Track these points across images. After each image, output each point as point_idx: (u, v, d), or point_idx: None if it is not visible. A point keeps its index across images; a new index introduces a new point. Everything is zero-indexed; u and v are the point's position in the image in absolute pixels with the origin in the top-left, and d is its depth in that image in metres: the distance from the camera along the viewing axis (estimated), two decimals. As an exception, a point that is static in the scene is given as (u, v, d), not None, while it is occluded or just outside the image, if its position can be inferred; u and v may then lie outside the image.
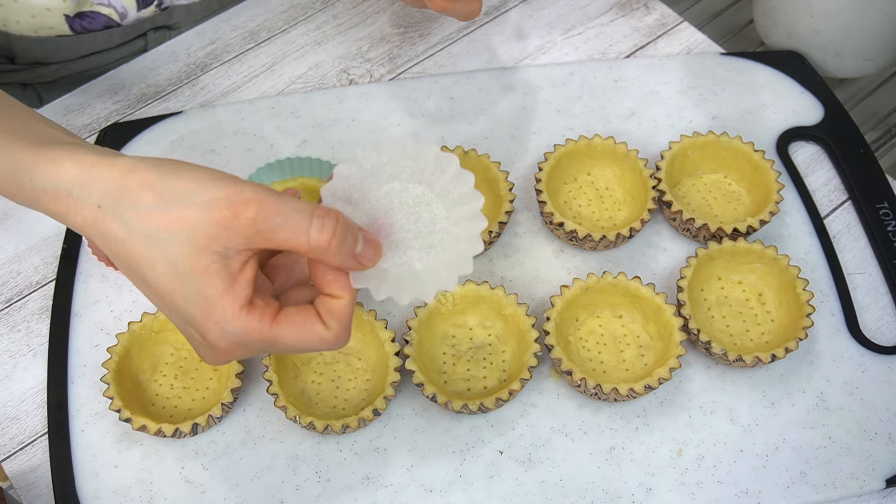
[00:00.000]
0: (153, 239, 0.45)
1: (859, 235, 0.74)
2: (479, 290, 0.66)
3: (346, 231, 0.45)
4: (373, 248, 0.47)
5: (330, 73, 0.84)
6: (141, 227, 0.45)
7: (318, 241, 0.45)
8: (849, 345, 0.68)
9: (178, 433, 0.62)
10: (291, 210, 0.44)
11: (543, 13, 0.88)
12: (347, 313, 0.47)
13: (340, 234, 0.45)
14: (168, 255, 0.44)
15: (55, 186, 0.47)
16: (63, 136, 0.52)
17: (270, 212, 0.44)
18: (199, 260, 0.44)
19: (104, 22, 0.81)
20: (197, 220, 0.44)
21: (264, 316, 0.46)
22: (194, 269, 0.44)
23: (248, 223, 0.44)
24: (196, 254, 0.44)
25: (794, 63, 0.83)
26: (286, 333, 0.46)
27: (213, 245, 0.44)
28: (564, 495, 0.62)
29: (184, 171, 0.45)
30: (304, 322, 0.46)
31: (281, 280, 0.50)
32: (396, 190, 0.49)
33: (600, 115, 0.80)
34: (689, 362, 0.67)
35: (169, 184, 0.45)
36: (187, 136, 0.78)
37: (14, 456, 0.65)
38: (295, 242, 0.45)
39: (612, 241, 0.69)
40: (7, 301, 0.71)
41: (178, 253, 0.44)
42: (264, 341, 0.46)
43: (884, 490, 0.63)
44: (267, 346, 0.47)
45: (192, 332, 0.47)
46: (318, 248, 0.45)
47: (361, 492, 0.62)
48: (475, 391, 0.65)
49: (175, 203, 0.44)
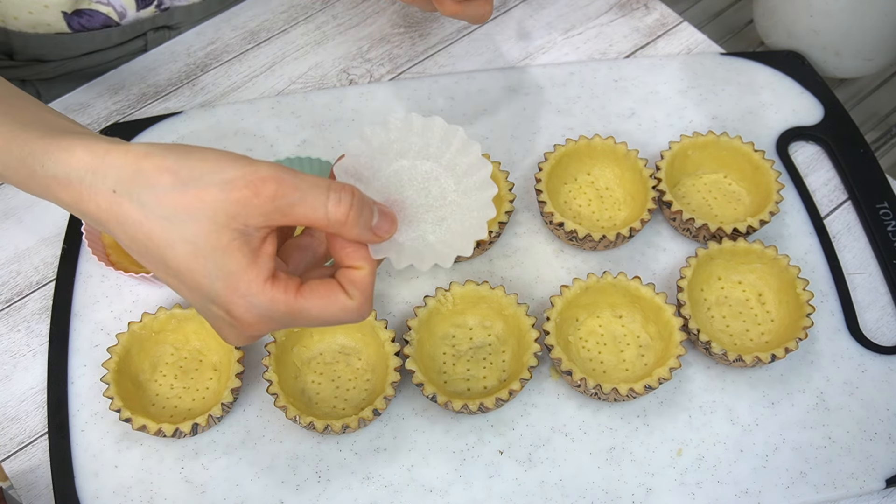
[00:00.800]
0: (172, 220, 0.45)
1: (859, 235, 0.74)
2: (479, 290, 0.66)
3: (363, 204, 0.46)
4: (388, 220, 0.48)
5: (330, 73, 0.84)
6: (159, 209, 0.45)
7: (335, 215, 0.45)
8: (849, 345, 0.68)
9: (178, 433, 0.62)
10: (309, 186, 0.45)
11: (543, 13, 0.88)
12: (369, 283, 0.48)
13: (357, 207, 0.46)
14: (187, 234, 0.45)
15: (67, 174, 0.47)
16: (74, 126, 0.52)
17: (288, 188, 0.45)
18: (220, 237, 0.45)
19: (103, 21, 0.81)
20: (216, 199, 0.44)
21: (289, 288, 0.46)
22: (215, 247, 0.45)
23: (267, 200, 0.44)
24: (216, 232, 0.45)
25: (794, 63, 0.83)
26: (311, 304, 0.47)
27: (233, 223, 0.45)
28: (564, 495, 0.62)
29: (198, 154, 0.46)
30: (328, 293, 0.47)
31: (295, 261, 0.51)
32: (405, 167, 0.50)
33: (600, 115, 0.80)
34: (689, 362, 0.67)
35: (185, 165, 0.45)
36: (187, 136, 0.78)
37: (14, 456, 0.65)
38: (314, 217, 0.45)
39: (612, 241, 0.69)
40: (7, 301, 0.71)
41: (198, 232, 0.45)
42: (290, 313, 0.47)
43: (884, 490, 0.63)
44: (293, 319, 0.47)
45: (215, 310, 0.47)
46: (337, 221, 0.45)
47: (361, 492, 0.62)
48: (475, 391, 0.65)
49: (193, 184, 0.45)
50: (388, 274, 0.71)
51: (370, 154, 0.50)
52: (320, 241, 0.51)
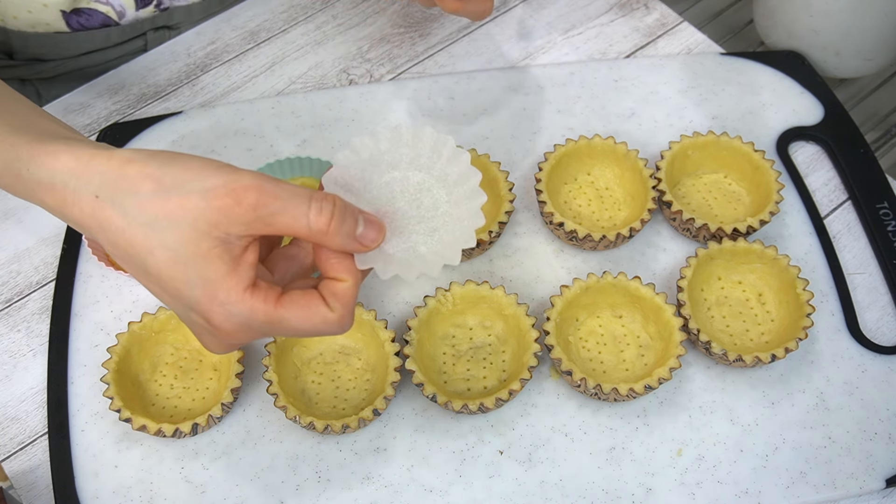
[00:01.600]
0: (153, 226, 0.45)
1: (859, 235, 0.74)
2: (479, 290, 0.66)
3: (345, 213, 0.46)
4: (375, 229, 0.48)
5: (330, 73, 0.84)
6: (140, 216, 0.45)
7: (317, 224, 0.45)
8: (849, 345, 0.68)
9: (178, 433, 0.62)
10: (290, 195, 0.45)
11: (543, 13, 0.88)
12: (351, 296, 0.47)
13: (339, 216, 0.46)
14: (168, 241, 0.45)
15: (51, 178, 0.48)
16: (63, 131, 0.52)
17: (270, 197, 0.44)
18: (200, 245, 0.44)
19: (102, 20, 0.81)
20: (197, 206, 0.44)
21: (269, 297, 0.46)
22: (196, 254, 0.45)
23: (248, 209, 0.44)
24: (197, 239, 0.44)
25: (794, 63, 0.83)
26: (291, 314, 0.46)
27: (215, 231, 0.44)
28: (564, 495, 0.62)
29: (182, 161, 0.46)
30: (308, 303, 0.46)
31: (281, 271, 0.51)
32: (397, 179, 0.50)
33: (600, 115, 0.80)
34: (689, 362, 0.67)
35: (168, 172, 0.45)
36: (187, 136, 0.78)
37: (14, 456, 0.65)
38: (295, 227, 0.45)
39: (612, 241, 0.69)
40: (7, 301, 0.71)
41: (179, 239, 0.44)
42: (269, 322, 0.46)
43: (884, 490, 0.63)
44: (272, 328, 0.47)
45: (195, 317, 0.47)
46: (318, 230, 0.45)
47: (361, 492, 0.62)
48: (475, 391, 0.65)
49: (175, 191, 0.45)
50: (388, 274, 0.71)
51: (360, 165, 0.50)
52: (307, 252, 0.51)
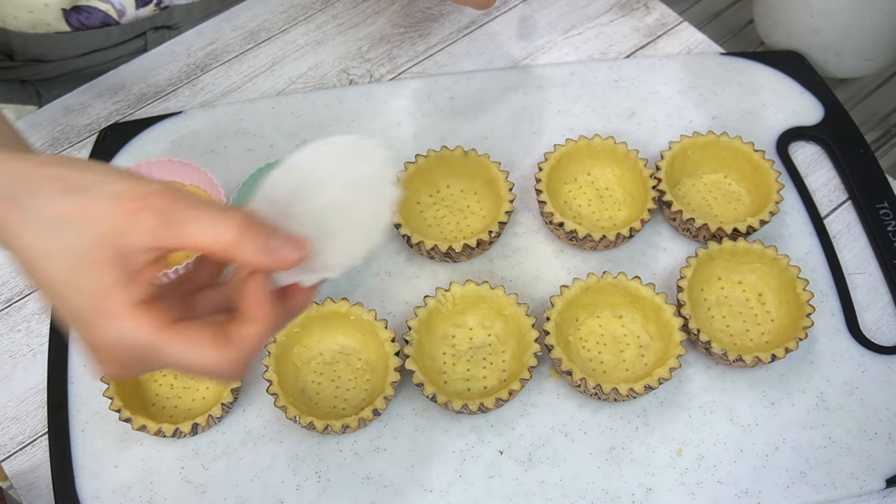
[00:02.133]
0: (54, 228, 0.43)
1: (859, 235, 0.74)
2: (479, 290, 0.66)
3: (258, 225, 0.44)
4: (292, 244, 0.44)
5: (330, 73, 0.84)
6: (43, 216, 0.43)
7: (226, 234, 0.42)
8: (849, 345, 0.68)
9: (178, 433, 0.62)
10: (201, 205, 0.43)
11: (543, 13, 0.88)
12: (255, 341, 0.44)
13: (252, 228, 0.43)
14: (67, 244, 0.42)
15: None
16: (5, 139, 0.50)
17: (179, 205, 0.42)
18: (101, 251, 0.42)
19: (102, 18, 0.81)
20: (104, 209, 0.42)
21: (159, 318, 0.43)
22: (93, 260, 0.42)
23: (155, 213, 0.42)
24: (98, 246, 0.42)
25: (794, 63, 0.83)
26: (174, 342, 0.43)
27: (118, 239, 0.42)
28: (564, 495, 0.62)
29: (96, 167, 0.44)
30: (199, 337, 0.43)
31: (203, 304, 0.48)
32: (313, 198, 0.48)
33: (600, 115, 0.80)
34: (689, 362, 0.67)
35: (79, 175, 0.43)
36: (187, 136, 0.78)
37: (14, 456, 0.65)
38: (201, 238, 0.42)
39: (612, 241, 0.69)
40: (7, 301, 0.71)
41: (78, 243, 0.42)
42: (151, 346, 0.43)
43: (884, 490, 0.63)
44: (153, 354, 0.43)
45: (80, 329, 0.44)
46: (228, 241, 0.42)
47: (361, 492, 0.62)
48: (475, 391, 0.65)
49: (83, 192, 0.43)
50: (387, 274, 0.71)
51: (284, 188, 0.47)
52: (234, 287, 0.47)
